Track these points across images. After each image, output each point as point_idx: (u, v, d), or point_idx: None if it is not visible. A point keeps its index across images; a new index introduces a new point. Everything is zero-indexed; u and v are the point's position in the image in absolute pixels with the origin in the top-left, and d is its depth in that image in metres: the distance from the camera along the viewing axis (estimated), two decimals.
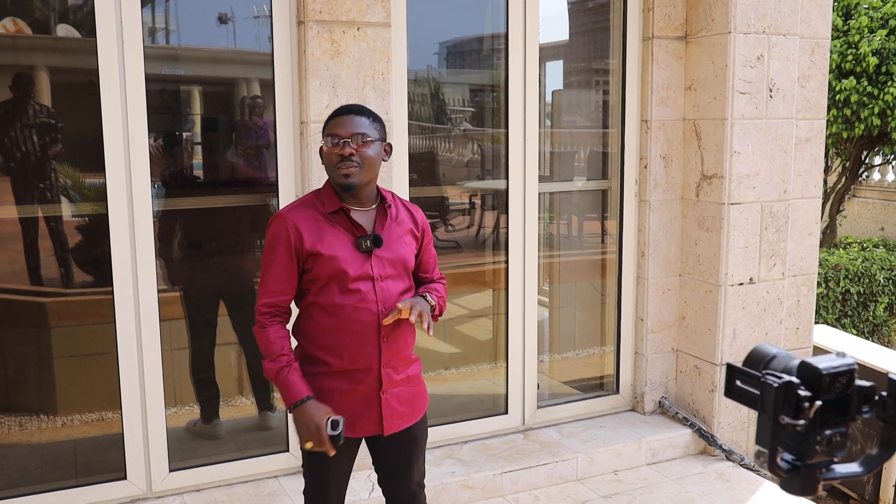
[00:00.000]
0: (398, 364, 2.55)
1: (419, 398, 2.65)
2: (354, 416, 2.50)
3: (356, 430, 2.53)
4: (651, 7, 4.31)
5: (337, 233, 2.46)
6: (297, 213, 2.48)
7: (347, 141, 2.42)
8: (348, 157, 2.41)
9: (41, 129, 3.70)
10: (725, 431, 4.35)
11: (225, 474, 3.76)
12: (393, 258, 2.50)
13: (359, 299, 2.44)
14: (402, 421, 2.57)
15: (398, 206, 2.60)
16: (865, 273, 6.74)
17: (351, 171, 2.42)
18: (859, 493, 4.61)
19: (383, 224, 2.51)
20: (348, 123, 2.45)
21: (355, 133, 2.43)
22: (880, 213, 10.53)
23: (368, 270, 2.45)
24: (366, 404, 2.51)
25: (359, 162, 2.42)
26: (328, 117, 2.53)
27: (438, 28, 4.48)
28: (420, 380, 2.67)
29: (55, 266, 3.83)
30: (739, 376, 1.17)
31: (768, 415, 1.12)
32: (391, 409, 2.53)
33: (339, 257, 2.43)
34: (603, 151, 4.69)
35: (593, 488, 4.05)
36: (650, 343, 4.53)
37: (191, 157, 4.04)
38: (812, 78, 4.49)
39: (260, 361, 2.50)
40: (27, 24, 3.63)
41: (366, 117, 2.49)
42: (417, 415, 2.63)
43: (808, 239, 4.61)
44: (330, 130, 2.46)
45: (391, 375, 2.52)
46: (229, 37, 3.96)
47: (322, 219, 2.47)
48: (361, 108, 2.53)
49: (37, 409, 3.78)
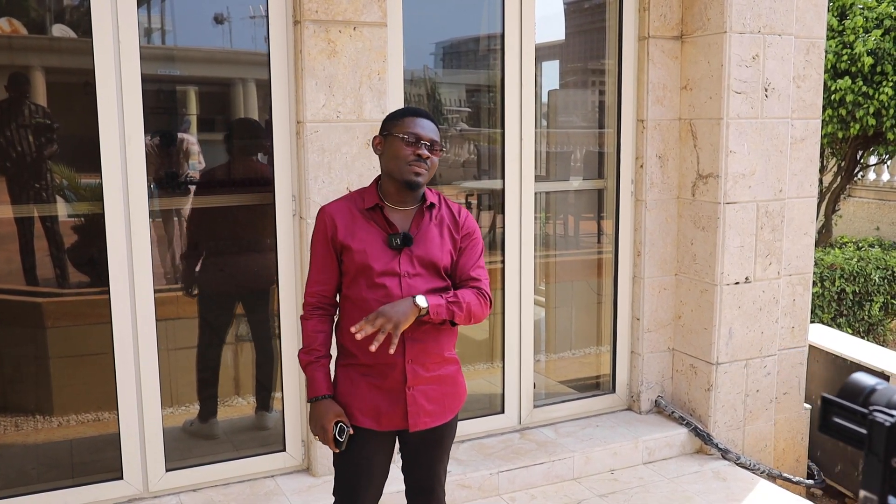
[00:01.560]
0: (427, 361, 2.56)
1: (451, 399, 2.65)
2: (381, 410, 2.54)
3: (382, 423, 2.56)
4: (647, 7, 4.32)
5: (370, 228, 2.53)
6: (335, 206, 2.59)
7: (427, 144, 2.51)
8: (425, 159, 2.50)
9: (37, 130, 3.69)
10: (721, 430, 4.36)
11: (222, 474, 3.76)
12: (423, 257, 2.54)
13: (384, 294, 2.48)
14: (429, 419, 2.58)
15: (441, 206, 2.64)
16: (861, 272, 6.75)
17: (422, 172, 2.50)
18: (855, 491, 4.62)
19: (419, 224, 2.56)
20: (428, 128, 2.54)
21: (433, 139, 2.53)
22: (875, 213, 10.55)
23: (395, 267, 2.50)
24: (392, 399, 2.54)
25: (428, 166, 2.52)
26: (400, 113, 2.58)
27: (435, 28, 4.48)
28: (455, 380, 2.66)
29: (51, 266, 3.83)
30: (838, 411, 1.04)
31: (878, 457, 0.98)
32: (417, 406, 2.55)
33: (368, 252, 2.50)
34: (599, 151, 4.70)
35: (590, 487, 4.06)
36: (646, 342, 4.54)
37: (227, 157, 4.07)
38: (807, 78, 4.50)
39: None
40: (23, 25, 3.63)
41: (435, 124, 2.59)
42: (448, 415, 2.64)
43: (803, 238, 4.63)
44: (409, 129, 2.51)
45: (418, 372, 2.54)
46: (225, 37, 3.96)
47: (358, 214, 2.55)
48: (431, 115, 2.62)
49: (33, 410, 3.77)
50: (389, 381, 2.53)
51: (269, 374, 4.05)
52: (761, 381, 4.43)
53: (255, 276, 4.06)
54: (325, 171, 3.61)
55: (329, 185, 3.61)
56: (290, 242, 3.74)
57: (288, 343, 3.77)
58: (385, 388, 2.54)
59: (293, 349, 3.70)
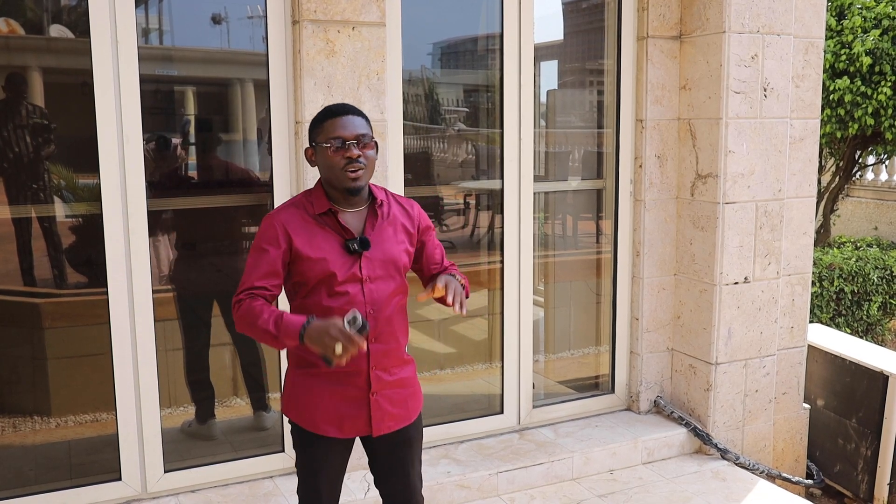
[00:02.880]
0: (389, 365, 2.53)
1: (412, 400, 2.63)
2: (343, 417, 2.50)
3: (345, 430, 2.52)
4: (645, 7, 4.31)
5: (326, 235, 2.44)
6: (286, 214, 2.46)
7: (353, 143, 2.40)
8: (356, 159, 2.39)
9: (34, 130, 3.69)
10: (721, 430, 4.36)
11: (220, 475, 3.76)
12: (383, 258, 2.48)
13: (346, 301, 2.41)
14: (393, 423, 2.56)
15: (391, 203, 2.57)
16: (859, 272, 6.75)
17: (360, 174, 2.41)
18: (854, 491, 4.62)
19: (374, 224, 2.49)
20: (349, 125, 2.42)
21: (359, 134, 2.41)
22: (874, 213, 10.56)
23: (357, 272, 2.44)
24: (355, 405, 2.50)
25: (364, 164, 2.41)
26: (319, 118, 2.48)
27: (433, 28, 4.48)
28: (413, 381, 2.65)
29: (49, 267, 3.82)
30: None
31: None
32: (381, 411, 2.52)
33: (328, 259, 2.41)
34: (598, 151, 4.70)
35: (589, 488, 4.06)
36: (645, 342, 4.54)
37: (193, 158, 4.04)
38: (806, 77, 4.50)
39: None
40: (20, 25, 3.62)
41: (362, 117, 2.48)
42: (411, 416, 2.62)
43: (802, 238, 4.62)
44: (331, 133, 2.41)
45: (381, 377, 2.51)
46: (223, 37, 3.95)
47: (311, 221, 2.45)
48: (355, 108, 2.50)
49: (31, 410, 3.77)
50: (352, 388, 2.49)
51: (259, 373, 4.04)
52: (760, 381, 4.43)
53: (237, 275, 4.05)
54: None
55: None
56: None
57: None
58: (348, 395, 2.49)
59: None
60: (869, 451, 4.51)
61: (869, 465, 4.52)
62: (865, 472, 4.54)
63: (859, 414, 4.57)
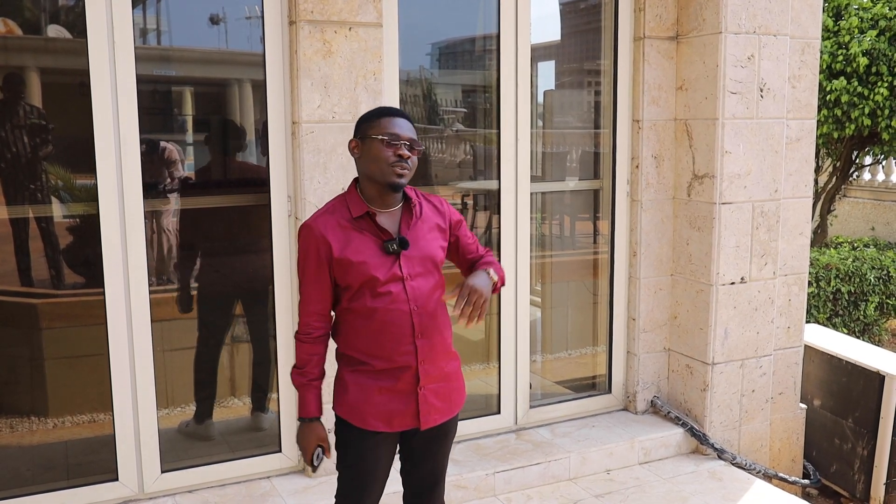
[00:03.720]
0: (436, 359, 2.57)
1: (456, 394, 2.68)
2: (393, 412, 2.55)
3: (394, 425, 2.57)
4: (642, 7, 4.32)
5: (363, 238, 2.50)
6: (322, 221, 2.52)
7: (406, 144, 2.47)
8: (406, 159, 2.47)
9: (32, 130, 3.69)
10: (717, 430, 4.37)
11: (217, 475, 3.76)
12: (421, 256, 2.54)
13: (390, 301, 2.48)
14: (438, 416, 2.61)
15: (422, 202, 2.63)
16: (856, 272, 6.76)
17: (405, 173, 2.48)
18: (850, 490, 4.63)
19: (409, 224, 2.55)
20: (406, 128, 2.51)
21: (413, 138, 2.50)
22: (871, 213, 10.57)
23: (397, 272, 2.49)
24: (404, 400, 2.55)
25: (410, 167, 2.49)
26: (375, 114, 2.54)
27: (430, 29, 4.48)
28: (458, 375, 2.70)
29: (46, 267, 3.82)
30: None
31: None
32: (428, 405, 2.57)
33: (368, 263, 2.47)
34: (594, 151, 4.70)
35: (586, 488, 4.06)
36: (642, 342, 4.55)
37: None
38: (802, 78, 4.51)
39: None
40: (18, 25, 3.62)
41: (412, 124, 2.56)
42: (454, 410, 2.67)
43: (798, 238, 4.63)
44: (387, 129, 2.48)
45: (429, 371, 2.56)
46: (221, 37, 3.95)
47: (348, 225, 2.50)
48: (408, 115, 2.59)
49: (28, 411, 3.77)
50: (402, 383, 2.54)
51: (265, 374, 4.04)
52: (757, 381, 4.43)
53: (250, 277, 4.05)
54: (321, 171, 3.61)
55: (324, 186, 3.61)
56: (286, 243, 3.73)
57: (283, 343, 3.77)
58: (397, 390, 2.54)
59: (289, 349, 3.70)
60: (865, 450, 4.52)
61: (865, 464, 4.52)
62: (862, 471, 4.55)
63: (856, 414, 4.58)
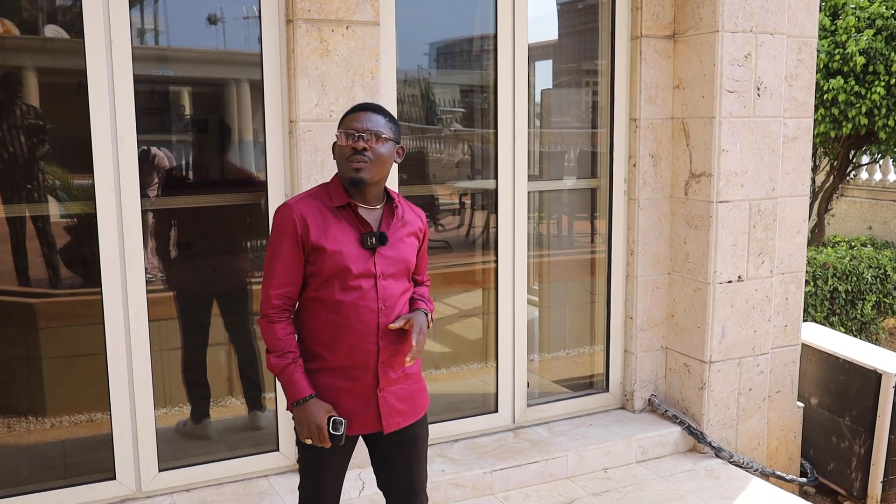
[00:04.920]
0: (395, 363, 2.54)
1: (419, 396, 2.64)
2: (352, 414, 2.51)
3: (353, 427, 2.53)
4: (639, 6, 4.32)
5: (342, 227, 2.46)
6: (304, 204, 2.47)
7: (362, 135, 2.42)
8: (361, 151, 2.41)
9: (29, 130, 3.69)
10: (715, 429, 4.37)
11: (215, 474, 3.76)
12: (396, 257, 2.51)
13: (359, 296, 2.44)
14: (401, 419, 2.57)
15: (405, 207, 2.62)
16: (853, 271, 6.77)
17: (362, 166, 2.42)
18: (847, 488, 4.64)
19: (389, 223, 2.53)
20: (364, 119, 2.46)
21: (370, 129, 2.44)
22: (868, 212, 10.58)
23: (371, 268, 2.46)
24: (363, 402, 2.51)
25: (371, 158, 2.42)
26: (345, 112, 2.54)
27: (428, 28, 4.48)
28: (419, 377, 2.66)
29: (44, 266, 3.82)
30: None
31: None
32: (389, 407, 2.53)
33: (344, 252, 2.43)
34: (592, 150, 4.71)
35: (583, 486, 4.07)
36: (640, 341, 4.55)
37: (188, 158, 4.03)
38: (799, 77, 4.52)
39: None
40: (15, 25, 3.62)
41: (382, 116, 2.50)
42: (419, 413, 2.63)
43: (795, 237, 4.64)
44: (346, 125, 2.46)
45: (388, 373, 2.52)
46: (218, 37, 3.95)
47: (329, 212, 2.46)
48: (379, 107, 2.54)
49: (26, 410, 3.77)
50: (360, 383, 2.50)
51: (253, 374, 4.04)
52: (754, 379, 4.44)
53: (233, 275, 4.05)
54: (318, 169, 3.61)
55: None
56: None
57: None
58: (355, 391, 2.50)
59: None
60: (862, 449, 4.53)
61: (862, 462, 4.53)
62: (859, 469, 4.55)
63: (853, 412, 4.59)
